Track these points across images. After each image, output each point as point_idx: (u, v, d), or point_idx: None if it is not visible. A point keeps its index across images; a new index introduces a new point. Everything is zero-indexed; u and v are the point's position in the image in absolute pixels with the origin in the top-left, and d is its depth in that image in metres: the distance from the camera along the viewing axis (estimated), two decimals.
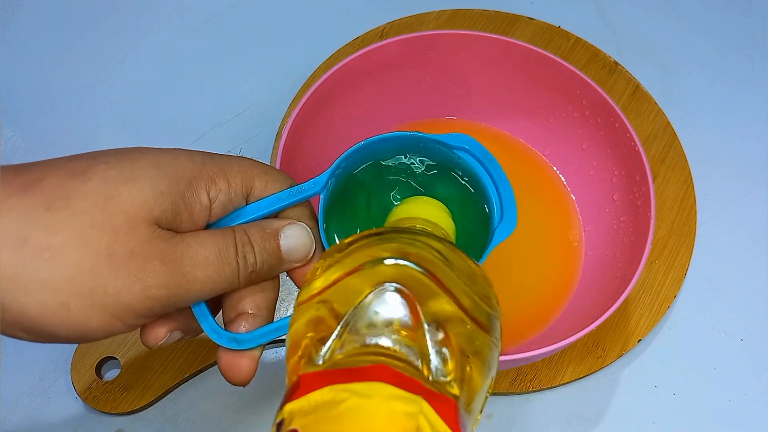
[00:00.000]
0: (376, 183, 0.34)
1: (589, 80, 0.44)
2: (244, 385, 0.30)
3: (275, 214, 0.31)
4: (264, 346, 0.30)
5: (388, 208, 0.34)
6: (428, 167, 0.34)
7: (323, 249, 0.31)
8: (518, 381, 0.44)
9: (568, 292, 0.46)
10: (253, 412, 0.44)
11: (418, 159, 0.34)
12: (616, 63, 0.54)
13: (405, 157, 0.34)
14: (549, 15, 0.56)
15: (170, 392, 0.44)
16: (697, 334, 0.47)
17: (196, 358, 0.44)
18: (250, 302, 0.30)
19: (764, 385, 0.46)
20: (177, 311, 0.29)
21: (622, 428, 0.44)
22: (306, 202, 0.32)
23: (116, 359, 0.44)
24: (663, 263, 0.48)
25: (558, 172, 0.49)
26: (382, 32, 0.54)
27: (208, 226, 0.29)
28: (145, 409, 0.44)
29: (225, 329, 0.29)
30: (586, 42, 0.55)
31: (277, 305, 0.31)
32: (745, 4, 0.60)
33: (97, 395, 0.43)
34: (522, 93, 0.48)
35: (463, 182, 0.33)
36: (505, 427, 0.44)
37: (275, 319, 0.30)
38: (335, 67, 0.43)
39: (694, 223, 0.49)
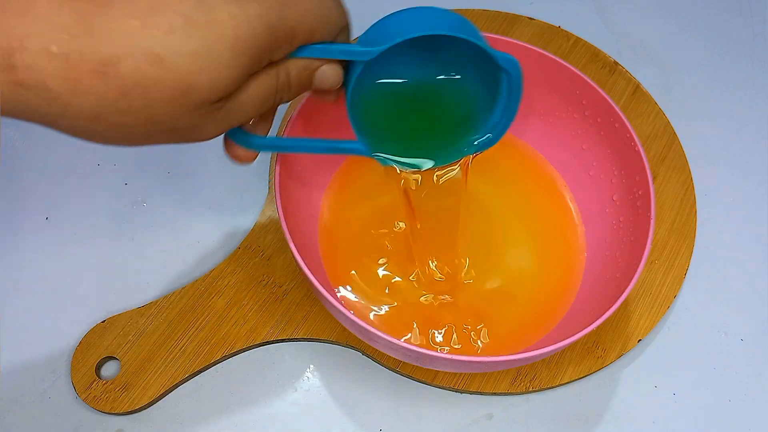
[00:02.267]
0: (411, 71, 0.37)
1: (589, 80, 0.44)
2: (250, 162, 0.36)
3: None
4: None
5: (421, 97, 0.37)
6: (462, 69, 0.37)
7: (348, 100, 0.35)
8: (518, 381, 0.44)
9: (568, 293, 0.46)
10: (253, 412, 0.44)
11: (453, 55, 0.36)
12: (616, 63, 0.54)
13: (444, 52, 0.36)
14: (549, 15, 0.56)
15: (170, 392, 0.44)
16: (697, 334, 0.47)
17: (196, 358, 0.44)
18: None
19: (764, 385, 0.46)
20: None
21: (622, 428, 0.44)
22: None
23: (116, 359, 0.44)
24: (663, 263, 0.48)
25: (558, 172, 0.49)
26: None
27: None
28: (145, 409, 0.44)
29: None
30: (586, 42, 0.55)
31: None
32: (745, 4, 0.60)
33: (97, 395, 0.43)
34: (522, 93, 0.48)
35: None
36: (505, 427, 0.44)
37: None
38: None
39: (694, 223, 0.49)
